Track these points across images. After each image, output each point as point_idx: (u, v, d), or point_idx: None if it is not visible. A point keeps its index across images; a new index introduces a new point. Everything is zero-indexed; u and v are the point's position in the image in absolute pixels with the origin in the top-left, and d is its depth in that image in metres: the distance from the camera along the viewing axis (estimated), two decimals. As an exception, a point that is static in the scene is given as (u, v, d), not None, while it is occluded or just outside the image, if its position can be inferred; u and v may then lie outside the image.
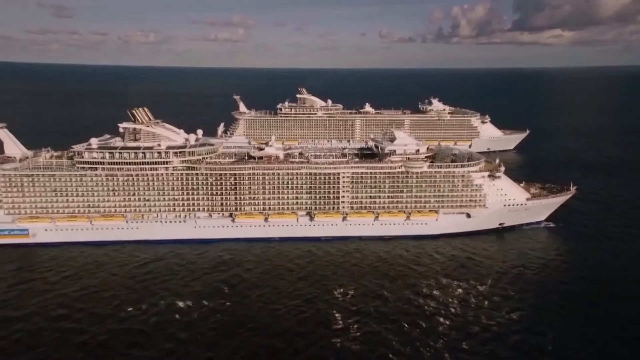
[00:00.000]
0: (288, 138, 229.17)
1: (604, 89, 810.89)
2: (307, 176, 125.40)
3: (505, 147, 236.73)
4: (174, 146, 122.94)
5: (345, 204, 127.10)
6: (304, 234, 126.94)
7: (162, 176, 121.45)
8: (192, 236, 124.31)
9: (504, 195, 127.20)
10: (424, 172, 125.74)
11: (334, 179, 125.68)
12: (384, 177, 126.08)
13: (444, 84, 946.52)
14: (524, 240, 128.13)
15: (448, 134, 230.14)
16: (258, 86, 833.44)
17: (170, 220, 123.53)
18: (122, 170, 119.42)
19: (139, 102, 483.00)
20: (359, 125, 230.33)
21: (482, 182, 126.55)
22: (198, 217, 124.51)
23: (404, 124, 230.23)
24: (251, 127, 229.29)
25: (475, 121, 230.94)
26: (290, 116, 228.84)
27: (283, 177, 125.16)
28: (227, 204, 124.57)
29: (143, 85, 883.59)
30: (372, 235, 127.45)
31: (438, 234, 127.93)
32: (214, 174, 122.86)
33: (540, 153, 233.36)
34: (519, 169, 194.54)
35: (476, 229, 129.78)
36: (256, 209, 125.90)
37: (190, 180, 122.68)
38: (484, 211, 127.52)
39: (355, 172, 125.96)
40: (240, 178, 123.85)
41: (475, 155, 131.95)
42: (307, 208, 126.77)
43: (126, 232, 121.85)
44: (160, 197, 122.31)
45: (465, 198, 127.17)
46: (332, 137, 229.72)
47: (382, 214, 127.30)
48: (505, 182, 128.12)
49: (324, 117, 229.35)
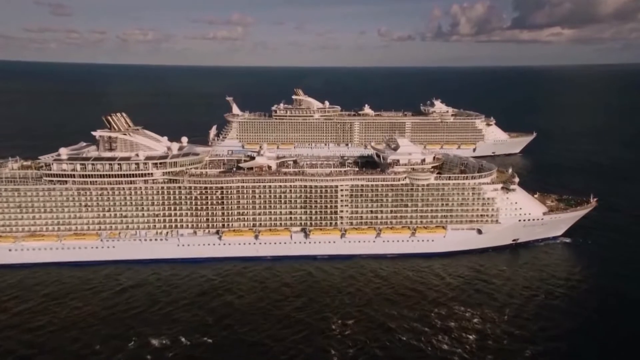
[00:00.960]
0: (283, 142, 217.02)
1: (606, 87, 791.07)
2: (301, 189, 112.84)
3: (511, 150, 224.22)
4: (153, 156, 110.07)
5: (344, 219, 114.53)
6: (299, 252, 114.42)
7: (141, 190, 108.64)
8: (175, 255, 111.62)
9: (519, 210, 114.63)
10: (430, 185, 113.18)
11: (332, 192, 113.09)
12: (387, 190, 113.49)
13: (443, 82, 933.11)
14: (541, 258, 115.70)
15: (451, 137, 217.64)
16: (256, 85, 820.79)
17: (150, 238, 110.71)
18: (95, 183, 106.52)
19: (132, 102, 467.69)
20: (357, 128, 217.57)
21: (495, 195, 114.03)
22: (181, 235, 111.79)
23: (405, 127, 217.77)
24: (245, 130, 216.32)
25: (479, 124, 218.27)
26: (286, 119, 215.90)
27: (275, 190, 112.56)
28: (213, 220, 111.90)
29: (140, 84, 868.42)
30: (373, 254, 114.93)
31: (446, 251, 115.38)
32: (198, 187, 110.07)
33: (548, 156, 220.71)
34: (527, 175, 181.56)
35: (487, 245, 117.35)
36: (245, 225, 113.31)
37: (172, 194, 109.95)
38: (496, 227, 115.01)
39: (355, 185, 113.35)
40: (228, 191, 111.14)
41: (487, 165, 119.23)
42: (302, 224, 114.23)
43: (101, 251, 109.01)
44: (138, 213, 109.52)
45: (476, 213, 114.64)
46: (330, 141, 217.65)
47: (384, 230, 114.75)
48: (520, 195, 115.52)
49: (321, 119, 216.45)
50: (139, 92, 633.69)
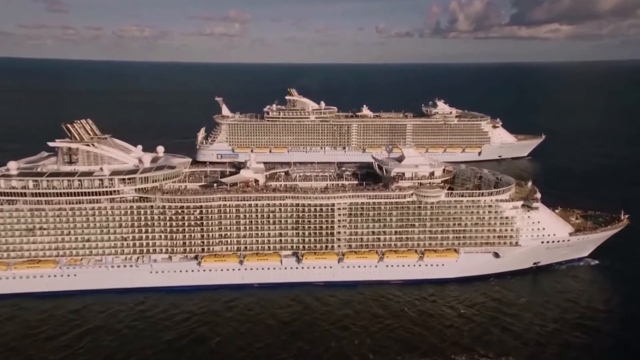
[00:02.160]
0: (276, 145, 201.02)
1: (608, 85, 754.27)
2: (293, 208, 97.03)
3: (518, 154, 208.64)
4: (121, 170, 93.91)
5: (342, 241, 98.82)
6: (290, 279, 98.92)
7: (106, 210, 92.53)
8: (148, 284, 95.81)
9: (542, 230, 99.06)
10: (440, 202, 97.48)
11: (328, 211, 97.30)
12: (391, 209, 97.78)
13: (442, 79, 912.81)
14: (566, 284, 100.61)
15: (455, 140, 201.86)
16: (253, 83, 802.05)
17: (118, 264, 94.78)
18: (51, 203, 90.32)
19: (123, 101, 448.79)
20: (355, 130, 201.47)
21: (514, 214, 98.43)
22: (154, 260, 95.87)
23: (406, 129, 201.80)
24: (235, 133, 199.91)
25: (485, 126, 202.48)
26: (279, 120, 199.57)
27: (263, 209, 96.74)
28: (191, 244, 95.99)
29: (134, 81, 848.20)
30: (375, 280, 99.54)
31: (458, 277, 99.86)
32: (173, 207, 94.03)
33: (559, 161, 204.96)
34: (539, 182, 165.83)
35: (505, 270, 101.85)
36: (229, 250, 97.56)
37: (144, 214, 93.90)
38: (516, 250, 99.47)
39: (354, 203, 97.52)
40: (208, 211, 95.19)
41: (505, 178, 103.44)
42: (294, 247, 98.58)
43: (60, 281, 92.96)
44: (104, 236, 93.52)
45: (493, 234, 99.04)
46: (326, 144, 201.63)
47: (388, 254, 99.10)
48: (543, 214, 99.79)
49: (316, 121, 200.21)
50: (134, 91, 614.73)
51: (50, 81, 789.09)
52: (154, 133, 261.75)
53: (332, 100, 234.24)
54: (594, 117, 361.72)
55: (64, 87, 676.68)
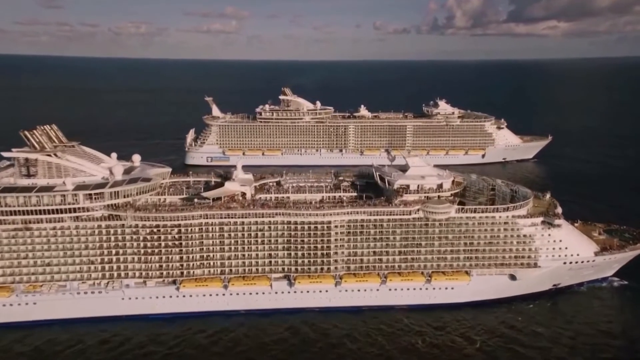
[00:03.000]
0: (269, 147, 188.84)
1: (609, 82, 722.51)
2: (284, 225, 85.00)
3: (524, 156, 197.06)
4: (87, 184, 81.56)
5: (340, 263, 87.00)
6: (281, 305, 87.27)
7: (70, 230, 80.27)
8: (119, 312, 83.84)
9: (564, 250, 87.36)
10: (450, 219, 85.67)
11: (324, 229, 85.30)
12: (394, 226, 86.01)
13: (440, 76, 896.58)
14: (590, 307, 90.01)
15: (458, 142, 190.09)
16: (249, 80, 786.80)
17: (84, 291, 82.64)
18: (5, 222, 77.99)
19: (114, 100, 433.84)
20: (352, 131, 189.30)
21: (533, 232, 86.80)
22: (127, 286, 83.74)
23: (406, 131, 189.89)
24: (226, 135, 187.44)
25: (489, 127, 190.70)
26: (272, 121, 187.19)
27: (250, 227, 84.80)
28: (168, 267, 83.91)
29: (129, 79, 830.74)
30: (377, 305, 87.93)
31: (470, 301, 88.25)
32: (148, 225, 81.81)
33: (567, 163, 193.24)
34: (548, 188, 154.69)
35: (521, 293, 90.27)
36: (211, 273, 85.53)
37: (114, 234, 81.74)
38: (534, 272, 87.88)
39: (353, 220, 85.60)
40: (188, 230, 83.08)
41: (522, 191, 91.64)
42: (285, 270, 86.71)
43: (16, 310, 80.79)
44: (67, 260, 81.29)
45: (509, 254, 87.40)
46: (322, 146, 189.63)
47: (391, 277, 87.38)
48: (565, 231, 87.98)
49: (311, 122, 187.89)
50: (125, 89, 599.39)
51: (41, 78, 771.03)
52: (142, 134, 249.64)
53: (329, 100, 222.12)
54: (598, 115, 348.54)
55: (52, 84, 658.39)
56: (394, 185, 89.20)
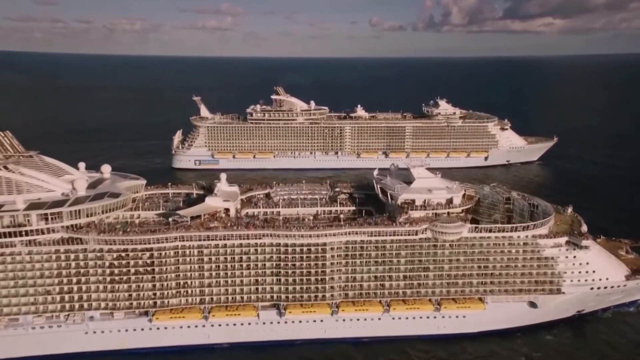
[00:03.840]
0: (261, 150, 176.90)
1: (608, 80, 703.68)
2: (273, 248, 73.36)
3: (528, 158, 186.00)
4: (42, 202, 69.54)
5: (336, 289, 75.54)
6: (270, 338, 75.76)
7: (22, 256, 68.35)
8: (82, 348, 72.38)
9: (591, 274, 76.16)
10: (462, 239, 74.29)
11: (318, 252, 73.79)
12: (399, 247, 74.65)
13: (437, 74, 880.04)
14: (618, 335, 78.92)
15: (459, 144, 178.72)
16: (245, 76, 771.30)
17: (41, 325, 70.72)
18: (-57, 249, 66.05)
19: (105, 97, 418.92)
20: (349, 133, 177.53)
21: (557, 254, 75.51)
22: (91, 318, 71.95)
23: (405, 132, 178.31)
24: (215, 137, 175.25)
25: (492, 128, 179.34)
26: (264, 123, 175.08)
27: (234, 251, 73.24)
28: (139, 296, 72.08)
29: (123, 77, 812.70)
30: (379, 337, 76.64)
31: (484, 331, 77.08)
32: (114, 249, 69.95)
33: (574, 166, 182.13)
34: (556, 194, 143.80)
35: (542, 321, 79.17)
36: (189, 302, 73.86)
37: (74, 260, 69.93)
38: (558, 298, 76.72)
39: (352, 241, 74.11)
40: (161, 254, 71.26)
41: (542, 205, 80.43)
42: (274, 298, 75.08)
43: (-40, 350, 68.90)
44: (19, 290, 69.42)
45: (529, 279, 76.22)
46: (316, 149, 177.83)
47: (395, 305, 76.04)
48: (592, 253, 76.70)
49: (305, 123, 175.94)
50: (117, 87, 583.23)
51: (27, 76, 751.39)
52: (129, 134, 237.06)
53: (324, 99, 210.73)
54: (599, 114, 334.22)
55: (39, 82, 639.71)
56: (398, 200, 77.84)
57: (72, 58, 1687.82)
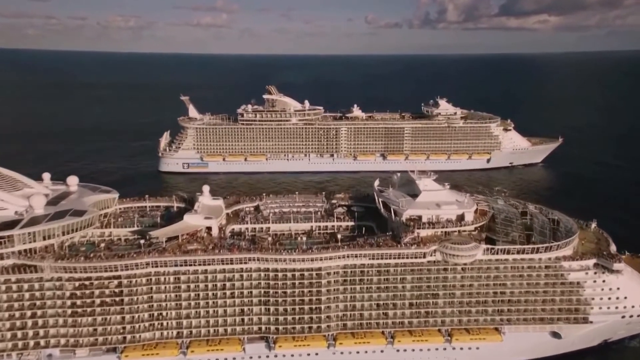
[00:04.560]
0: (252, 152, 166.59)
1: (606, 77, 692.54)
2: (261, 274, 63.48)
3: (532, 160, 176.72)
4: (-9, 224, 59.28)
5: (333, 319, 65.76)
6: (257, 374, 65.67)
7: (-34, 287, 58.09)
8: (42, 390, 61.87)
9: (622, 300, 66.65)
10: (476, 262, 64.63)
11: (312, 277, 63.99)
12: (404, 271, 64.98)
13: (433, 71, 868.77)
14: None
15: (461, 146, 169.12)
16: (239, 74, 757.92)
17: (-8, 366, 60.59)
18: None
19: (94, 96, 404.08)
20: (345, 134, 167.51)
21: (584, 278, 65.94)
22: (49, 356, 61.87)
23: (404, 133, 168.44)
24: (204, 138, 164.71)
25: (495, 128, 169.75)
26: (255, 123, 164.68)
27: (215, 277, 63.24)
28: (106, 331, 61.96)
29: (117, 74, 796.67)
30: (382, 372, 66.74)
31: (499, 365, 67.59)
32: (76, 278, 59.78)
33: (580, 168, 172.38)
34: (561, 197, 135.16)
35: (565, 351, 69.73)
36: (165, 337, 63.77)
37: (28, 291, 59.72)
38: (584, 328, 67.20)
39: (351, 265, 64.32)
40: (131, 282, 61.16)
41: (565, 221, 70.88)
42: (262, 329, 65.14)
43: None
44: (-35, 327, 59.08)
45: (552, 306, 66.62)
46: (311, 151, 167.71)
47: (399, 336, 66.31)
48: (625, 277, 67.07)
49: (299, 124, 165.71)
50: (107, 84, 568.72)
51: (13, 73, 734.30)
52: (115, 134, 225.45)
53: (319, 97, 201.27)
54: (603, 112, 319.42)
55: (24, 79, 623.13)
56: (402, 217, 68.04)
57: (65, 55, 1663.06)
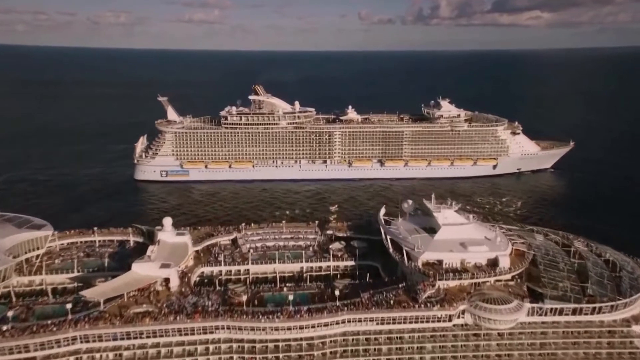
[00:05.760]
0: (238, 159, 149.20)
1: (604, 75, 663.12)
2: (233, 346, 46.77)
3: (541, 165, 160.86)
4: None
5: (329, 402, 49.04)
6: None
7: None
8: None
9: None
10: (517, 327, 48.28)
11: (301, 349, 47.38)
12: (421, 338, 48.53)
13: (429, 68, 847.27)
14: None
15: (465, 150, 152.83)
16: (229, 71, 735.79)
17: None
18: None
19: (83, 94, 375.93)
20: (339, 138, 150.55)
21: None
22: None
23: (403, 137, 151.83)
24: (184, 143, 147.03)
25: (502, 132, 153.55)
26: (241, 127, 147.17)
27: (172, 352, 46.29)
28: None
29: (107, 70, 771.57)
30: None
31: None
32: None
33: (591, 173, 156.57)
34: (585, 211, 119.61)
35: None
36: None
37: None
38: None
39: (353, 332, 47.78)
40: (53, 363, 44.08)
41: (623, 262, 54.71)
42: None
43: None
44: None
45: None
46: (302, 157, 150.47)
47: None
48: None
49: (289, 128, 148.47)
50: (93, 82, 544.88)
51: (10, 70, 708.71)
52: (91, 136, 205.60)
53: (311, 97, 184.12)
54: (610, 111, 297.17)
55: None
56: (418, 262, 51.59)
57: (54, 51, 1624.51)
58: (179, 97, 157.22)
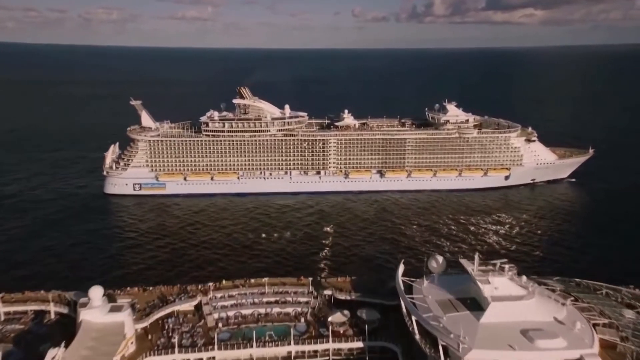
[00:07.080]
0: (221, 170, 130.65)
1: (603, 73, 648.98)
2: None
3: (557, 175, 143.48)
4: None
5: None
6: None
7: None
8: None
9: None
10: None
11: None
12: None
13: (425, 66, 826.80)
14: None
15: (474, 160, 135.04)
16: (220, 69, 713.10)
17: None
18: None
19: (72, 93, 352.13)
20: (334, 147, 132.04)
21: None
22: None
23: (406, 145, 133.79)
24: (159, 153, 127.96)
25: (515, 139, 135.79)
26: (224, 135, 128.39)
27: None
28: None
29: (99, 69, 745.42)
30: None
31: None
32: None
33: (617, 183, 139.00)
34: (617, 230, 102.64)
35: None
36: None
37: None
38: None
39: None
40: None
41: None
42: None
43: None
44: None
45: None
46: (293, 167, 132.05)
47: None
48: None
49: (278, 135, 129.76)
50: (78, 80, 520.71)
51: None
52: (62, 142, 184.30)
53: (303, 100, 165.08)
54: (622, 113, 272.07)
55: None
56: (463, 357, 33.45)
57: (44, 48, 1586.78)
58: (163, 99, 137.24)
